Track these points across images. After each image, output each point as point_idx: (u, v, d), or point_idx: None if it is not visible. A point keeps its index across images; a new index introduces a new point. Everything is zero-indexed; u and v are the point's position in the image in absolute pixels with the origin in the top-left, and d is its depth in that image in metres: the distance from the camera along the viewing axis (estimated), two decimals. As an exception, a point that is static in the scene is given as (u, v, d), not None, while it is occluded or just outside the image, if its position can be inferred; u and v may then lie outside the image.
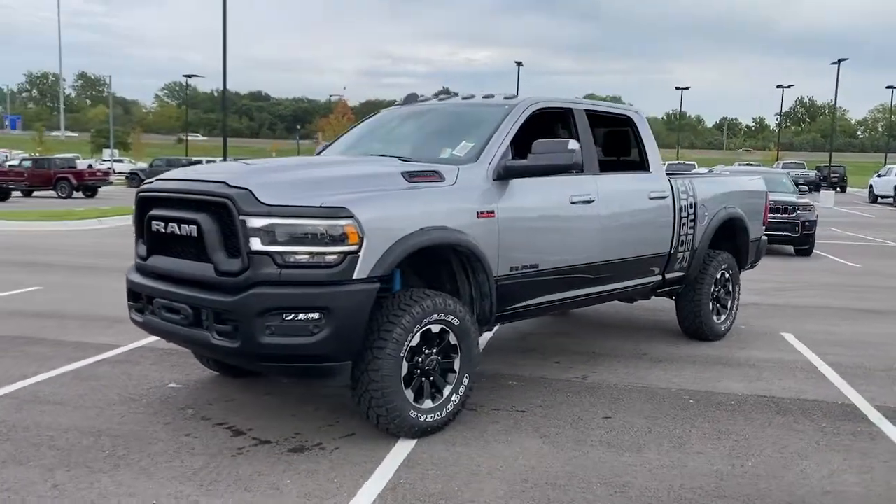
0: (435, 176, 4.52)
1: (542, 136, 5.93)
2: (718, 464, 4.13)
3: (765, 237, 7.86)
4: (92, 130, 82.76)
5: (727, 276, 7.12)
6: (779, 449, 4.37)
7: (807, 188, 18.35)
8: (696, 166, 39.08)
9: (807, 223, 14.22)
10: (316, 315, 3.89)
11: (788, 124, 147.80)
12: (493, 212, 4.67)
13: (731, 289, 7.22)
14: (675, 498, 3.69)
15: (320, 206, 3.91)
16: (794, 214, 14.16)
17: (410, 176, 4.41)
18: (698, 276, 6.79)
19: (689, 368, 6.06)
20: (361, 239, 3.95)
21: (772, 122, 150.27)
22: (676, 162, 50.88)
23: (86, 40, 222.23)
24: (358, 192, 4.09)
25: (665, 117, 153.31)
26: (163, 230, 4.34)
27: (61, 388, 5.16)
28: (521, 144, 5.18)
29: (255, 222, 3.86)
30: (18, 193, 31.50)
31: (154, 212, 4.42)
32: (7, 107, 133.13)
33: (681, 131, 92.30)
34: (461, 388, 4.55)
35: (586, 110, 5.75)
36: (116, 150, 64.53)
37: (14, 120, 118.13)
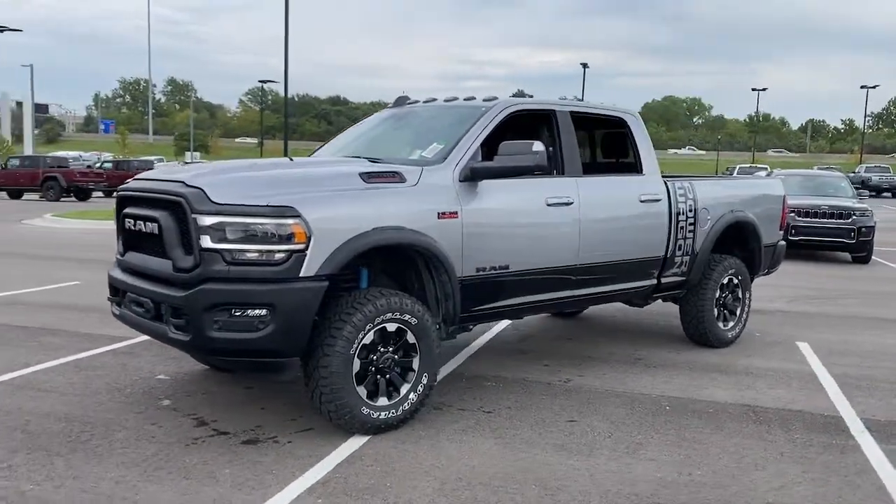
0: (395, 177, 4.59)
1: (523, 138, 5.94)
2: (666, 471, 4.05)
3: (783, 242, 7.61)
4: (175, 134, 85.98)
5: (735, 281, 6.93)
6: (737, 459, 4.25)
7: (868, 193, 17.44)
8: (769, 170, 37.86)
9: (863, 229, 13.64)
10: (262, 311, 4.01)
11: (881, 126, 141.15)
12: (455, 213, 4.70)
13: (740, 295, 7.02)
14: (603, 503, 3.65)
15: (267, 206, 4.03)
16: (849, 220, 13.62)
17: (368, 177, 4.49)
18: (701, 282, 6.64)
19: (681, 375, 5.94)
20: (309, 238, 4.05)
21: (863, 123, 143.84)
22: (748, 166, 49.37)
23: (176, 47, 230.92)
24: (308, 193, 4.20)
25: (747, 119, 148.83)
26: (133, 227, 4.56)
27: (57, 377, 5.45)
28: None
29: (206, 220, 4.01)
30: (99, 194, 33.03)
31: (126, 210, 4.64)
32: (100, 112, 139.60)
33: (763, 134, 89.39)
34: (420, 387, 4.60)
35: (572, 112, 5.71)
36: (197, 153, 66.93)
37: (108, 124, 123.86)
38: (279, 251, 4.02)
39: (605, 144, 6.61)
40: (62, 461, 3.96)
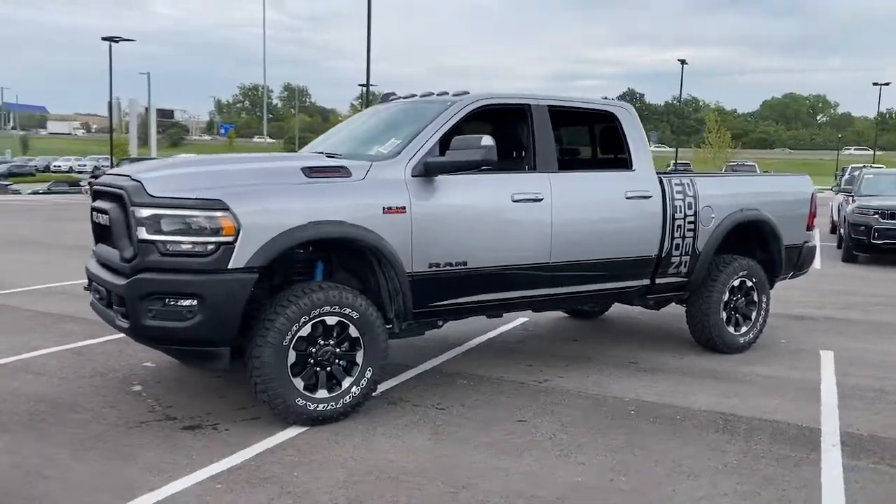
0: (340, 172, 4.63)
1: (497, 133, 5.85)
2: (589, 475, 3.91)
3: (812, 244, 7.15)
4: (285, 137, 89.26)
5: (750, 284, 6.56)
6: (674, 467, 4.05)
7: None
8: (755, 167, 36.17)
9: (954, 233, 12.60)
10: (191, 301, 4.14)
11: None
12: (403, 207, 4.69)
13: (755, 298, 6.64)
14: None
15: (197, 199, 4.16)
16: (937, 223, 12.61)
17: (311, 172, 4.55)
18: (707, 283, 6.33)
19: (669, 380, 5.69)
20: (237, 231, 4.15)
21: None
22: (876, 166, 46.44)
23: (293, 53, 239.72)
24: (241, 187, 4.30)
25: (878, 117, 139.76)
26: (96, 220, 4.80)
27: (53, 361, 5.80)
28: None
29: (142, 212, 4.18)
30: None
31: (93, 203, 4.90)
32: (221, 117, 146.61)
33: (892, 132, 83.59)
34: (363, 381, 4.61)
35: (553, 107, 5.57)
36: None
37: (227, 128, 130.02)
38: (208, 243, 4.14)
39: (593, 140, 6.41)
40: (8, 437, 4.22)
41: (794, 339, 7.19)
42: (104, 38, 36.51)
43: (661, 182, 5.96)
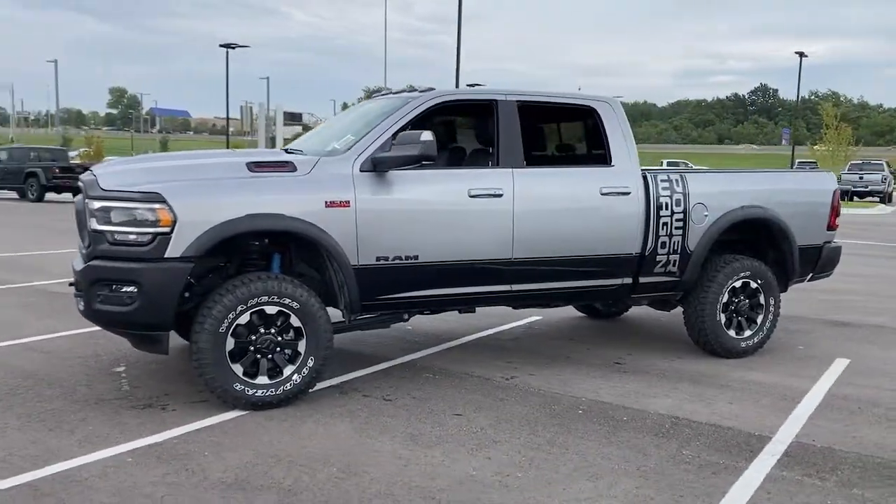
0: (285, 166, 4.81)
1: (465, 129, 5.88)
2: (487, 470, 3.89)
3: (833, 244, 6.70)
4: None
5: (754, 286, 6.24)
6: (581, 466, 3.97)
7: None
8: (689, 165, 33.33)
9: None
10: (132, 288, 4.43)
11: None
12: (347, 202, 4.81)
13: (762, 301, 6.31)
14: (377, 492, 3.62)
15: (138, 192, 4.44)
16: None
17: (255, 166, 4.75)
18: (703, 284, 6.08)
19: (641, 382, 5.52)
20: (174, 222, 4.41)
21: None
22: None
23: (421, 56, 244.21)
24: (181, 181, 4.55)
25: None
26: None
27: (65, 343, 6.29)
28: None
29: (94, 204, 4.52)
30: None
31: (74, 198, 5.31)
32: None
33: None
34: (305, 370, 4.77)
35: (524, 102, 5.53)
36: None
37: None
38: (146, 233, 4.41)
39: (572, 135, 6.27)
40: (-22, 409, 4.66)
41: (817, 345, 6.79)
42: (221, 45, 38.67)
43: (644, 178, 5.78)
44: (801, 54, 43.77)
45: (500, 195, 5.24)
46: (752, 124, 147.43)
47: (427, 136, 4.75)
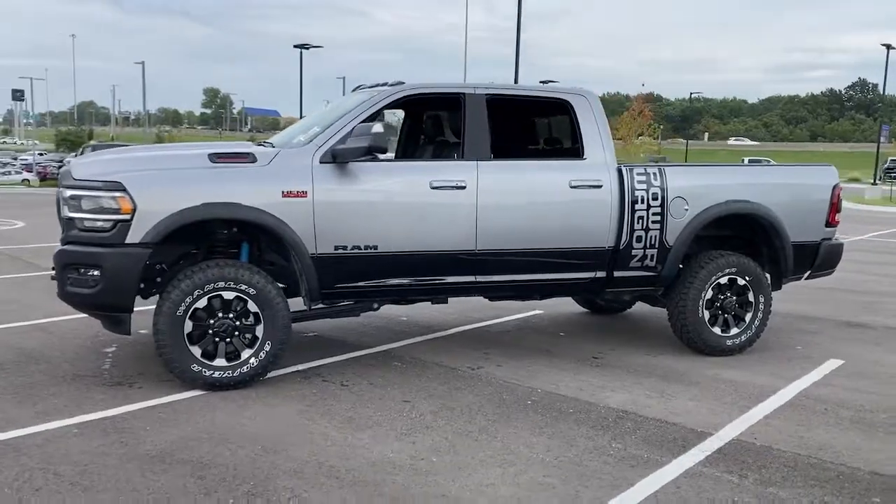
0: (245, 158, 5.00)
1: (433, 123, 5.96)
2: (406, 453, 3.98)
3: (833, 241, 6.46)
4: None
5: (742, 282, 6.09)
6: (500, 454, 4.01)
7: None
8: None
9: None
10: (95, 271, 4.71)
11: None
12: (304, 192, 4.97)
13: (751, 298, 6.15)
14: (287, 468, 3.76)
15: (101, 181, 4.72)
16: None
17: (217, 158, 4.96)
18: (685, 279, 5.99)
19: (607, 377, 5.48)
20: (134, 209, 4.67)
21: None
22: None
23: (504, 54, 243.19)
24: (142, 171, 4.81)
25: None
26: (64, 203, 5.54)
27: (70, 324, 6.66)
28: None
29: (66, 193, 4.83)
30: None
31: (63, 187, 5.64)
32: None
33: None
34: (262, 354, 4.96)
35: (494, 96, 5.57)
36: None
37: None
38: (109, 220, 4.69)
39: (546, 128, 6.23)
40: (-39, 382, 5.03)
41: (817, 345, 6.57)
42: (296, 46, 39.65)
43: (619, 171, 5.72)
44: (889, 46, 41.65)
45: (464, 187, 5.30)
46: (849, 121, 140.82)
47: (377, 128, 4.86)
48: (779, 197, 6.16)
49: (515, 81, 26.31)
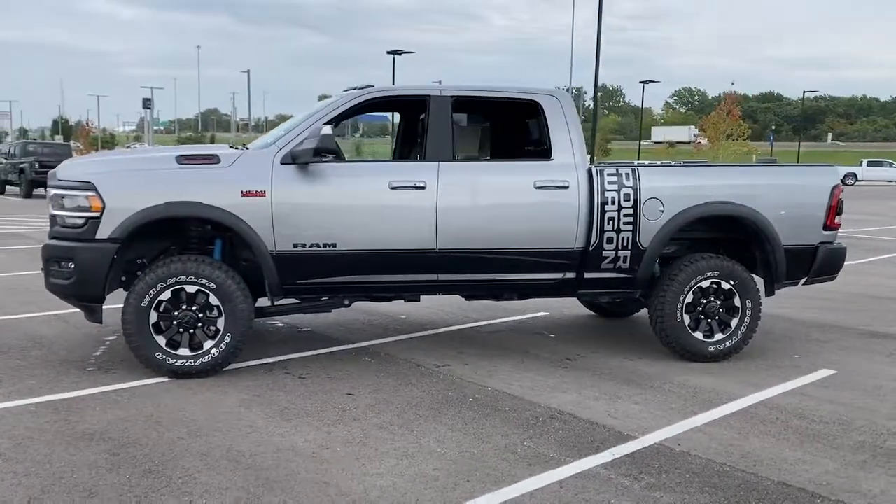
0: (210, 159, 5.30)
1: (407, 125, 6.10)
2: (314, 443, 4.14)
3: (833, 245, 6.14)
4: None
5: (727, 286, 5.90)
6: (402, 447, 4.11)
7: None
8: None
9: None
10: (70, 265, 5.13)
11: None
12: (263, 192, 5.22)
13: (737, 303, 5.94)
14: (196, 450, 3.99)
15: (76, 181, 5.13)
16: None
17: (183, 159, 5.28)
18: (663, 282, 5.87)
19: (565, 378, 5.45)
20: (103, 208, 5.05)
21: None
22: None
23: (621, 54, 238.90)
24: (112, 172, 5.20)
25: None
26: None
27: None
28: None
29: (52, 192, 5.28)
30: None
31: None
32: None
33: None
34: (223, 345, 5.24)
35: (461, 97, 5.66)
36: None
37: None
38: (81, 217, 5.09)
39: (515, 129, 6.20)
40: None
41: (816, 354, 6.29)
42: (389, 52, 40.53)
43: (589, 172, 5.68)
44: None
45: (423, 187, 5.41)
46: None
47: (326, 130, 5.06)
48: (769, 198, 5.93)
49: (595, 82, 25.85)
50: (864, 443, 4.31)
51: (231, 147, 5.77)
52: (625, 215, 5.68)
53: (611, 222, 5.67)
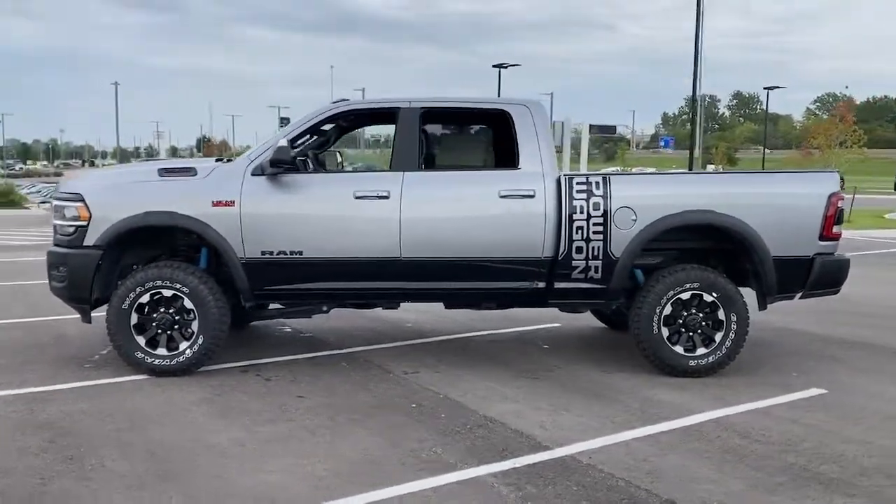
0: (187, 172, 5.67)
1: (373, 136, 6.23)
2: (237, 438, 4.36)
3: (831, 257, 5.77)
4: (715, 147, 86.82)
5: (710, 298, 5.67)
6: (308, 446, 4.29)
7: None
8: None
9: None
10: (64, 269, 5.63)
11: None
12: (232, 201, 5.52)
13: (722, 317, 5.69)
14: (125, 441, 4.30)
15: (70, 193, 5.63)
16: None
17: (165, 172, 5.68)
18: (641, 294, 5.72)
19: (521, 389, 5.41)
20: (90, 217, 5.52)
21: None
22: None
23: (755, 60, 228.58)
24: (100, 184, 5.67)
25: None
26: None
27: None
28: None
29: (56, 203, 5.82)
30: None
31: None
32: (665, 129, 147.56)
33: None
34: (196, 346, 5.58)
35: (429, 108, 5.77)
36: (712, 165, 66.93)
37: (667, 141, 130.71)
38: (72, 226, 5.58)
39: (485, 139, 6.16)
40: (-11, 355, 6.20)
41: (816, 372, 5.94)
42: (494, 66, 40.78)
43: (558, 181, 5.63)
44: None
45: (387, 197, 5.54)
46: None
47: (282, 142, 5.30)
48: (755, 207, 5.66)
49: (693, 88, 24.97)
50: (795, 465, 4.06)
51: (217, 160, 6.12)
52: (594, 224, 5.59)
53: (579, 231, 5.59)
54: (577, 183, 5.62)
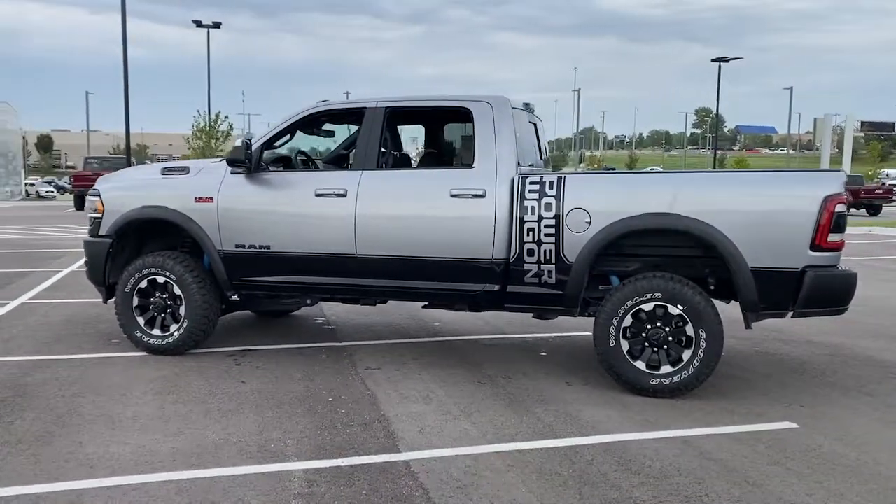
0: (183, 171, 6.23)
1: (355, 137, 6.45)
2: (145, 413, 4.77)
3: (829, 269, 4.96)
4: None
5: (676, 311, 5.13)
6: (197, 430, 4.54)
7: None
8: None
9: None
10: (86, 256, 6.47)
11: None
12: (210, 198, 6.00)
13: (690, 332, 5.13)
14: (86, 413, 4.86)
15: (95, 189, 6.45)
16: None
17: (166, 171, 6.30)
18: (602, 304, 5.34)
19: (465, 395, 5.26)
20: (104, 211, 6.30)
21: None
22: None
23: None
24: (115, 182, 6.41)
25: None
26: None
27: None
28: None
29: (89, 199, 6.70)
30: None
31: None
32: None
33: None
34: (182, 329, 6.14)
35: (394, 108, 5.82)
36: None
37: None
38: (93, 218, 6.39)
39: (448, 137, 5.89)
40: None
41: (809, 403, 5.14)
42: (713, 60, 38.14)
43: (511, 181, 5.42)
44: None
45: (344, 195, 5.70)
46: None
47: (237, 142, 5.65)
48: (726, 211, 5.03)
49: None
50: (638, 500, 3.62)
51: (215, 160, 6.63)
52: (545, 226, 5.30)
53: (530, 233, 5.33)
54: (531, 183, 5.35)
